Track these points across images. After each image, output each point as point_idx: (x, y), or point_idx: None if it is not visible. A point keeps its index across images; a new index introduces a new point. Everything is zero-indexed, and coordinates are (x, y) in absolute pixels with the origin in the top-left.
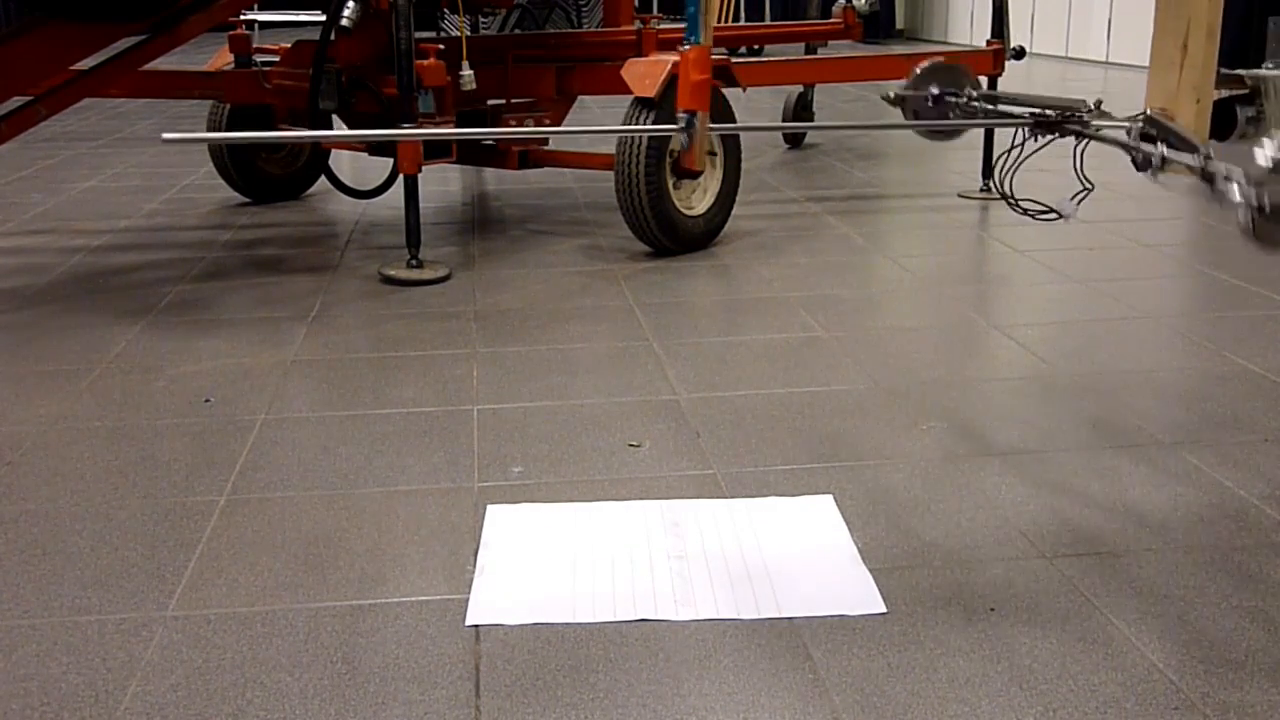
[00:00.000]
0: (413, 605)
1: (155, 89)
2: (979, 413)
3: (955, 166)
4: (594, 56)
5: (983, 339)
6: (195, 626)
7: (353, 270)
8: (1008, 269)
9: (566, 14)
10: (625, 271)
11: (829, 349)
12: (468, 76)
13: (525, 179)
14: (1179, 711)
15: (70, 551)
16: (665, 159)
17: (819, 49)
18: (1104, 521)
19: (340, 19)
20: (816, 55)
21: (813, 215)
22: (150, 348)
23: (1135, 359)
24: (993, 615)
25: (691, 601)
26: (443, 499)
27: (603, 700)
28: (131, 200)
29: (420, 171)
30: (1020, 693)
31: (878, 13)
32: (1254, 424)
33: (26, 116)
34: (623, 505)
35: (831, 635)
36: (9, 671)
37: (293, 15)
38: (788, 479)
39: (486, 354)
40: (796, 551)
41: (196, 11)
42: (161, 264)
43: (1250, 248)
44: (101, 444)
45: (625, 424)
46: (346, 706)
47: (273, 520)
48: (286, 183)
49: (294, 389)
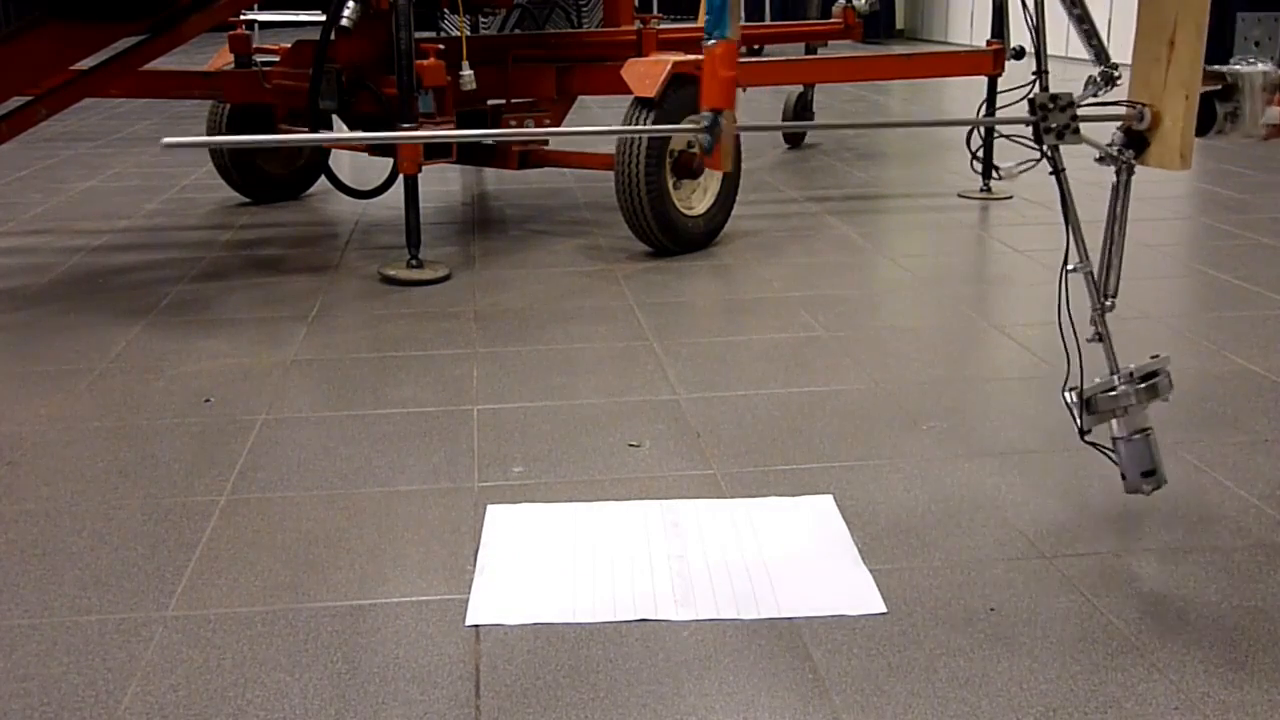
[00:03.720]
0: (413, 605)
1: (155, 89)
2: (979, 413)
3: (955, 166)
4: (594, 56)
5: (983, 339)
6: (195, 626)
7: (353, 270)
8: (1008, 269)
9: (566, 14)
10: (625, 271)
11: (829, 349)
12: (468, 76)
13: (525, 179)
14: (1179, 711)
15: (70, 551)
16: (665, 159)
17: (819, 49)
18: (1104, 521)
19: (340, 19)
20: (816, 55)
21: (813, 215)
22: (150, 348)
23: (1135, 359)
24: (993, 615)
25: (691, 601)
26: (443, 499)
27: (603, 700)
28: (131, 200)
29: (420, 171)
30: (1020, 693)
31: (878, 13)
32: (1254, 424)
33: (26, 116)
34: (623, 505)
35: (831, 635)
36: (9, 671)
37: (293, 15)
38: (788, 479)
39: (486, 354)
40: (796, 551)
41: (196, 11)
42: (161, 264)
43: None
44: (101, 444)
45: (625, 424)
46: (346, 706)
47: (273, 520)
48: (286, 183)
49: (294, 389)
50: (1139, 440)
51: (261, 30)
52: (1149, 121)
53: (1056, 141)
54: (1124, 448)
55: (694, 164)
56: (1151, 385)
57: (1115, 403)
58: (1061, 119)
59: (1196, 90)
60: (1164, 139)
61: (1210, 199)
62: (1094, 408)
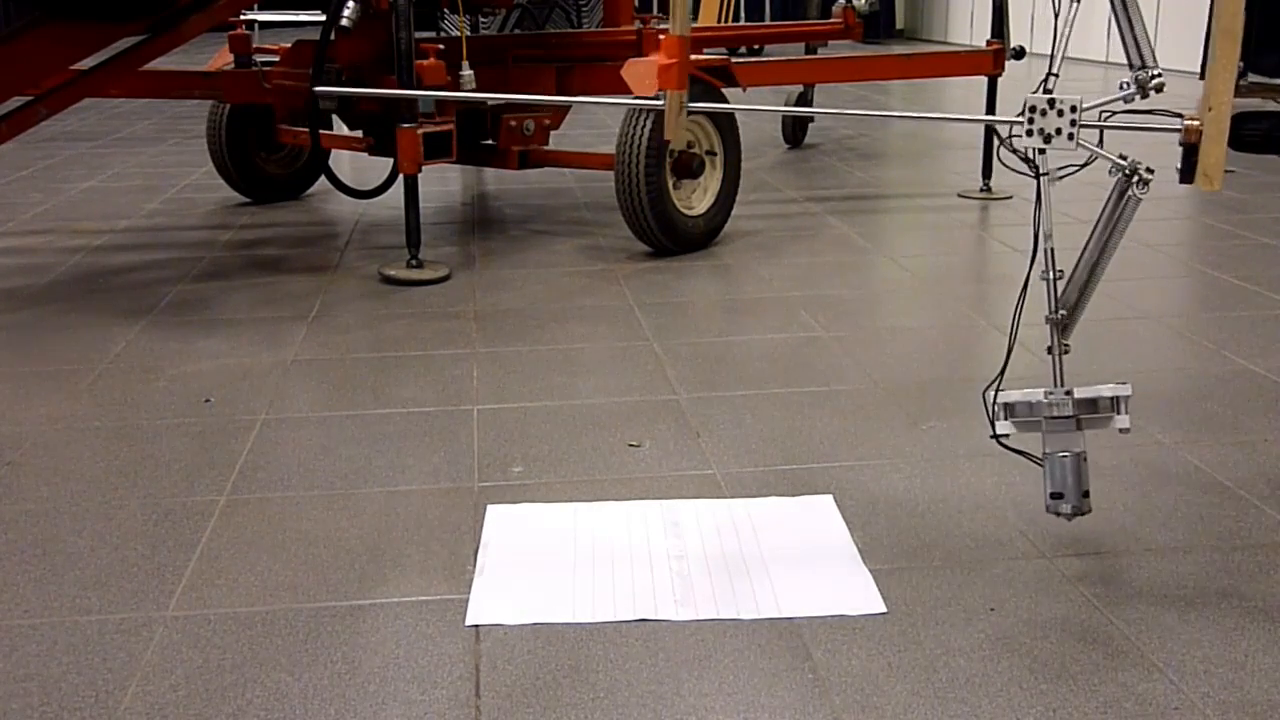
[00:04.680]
0: (413, 605)
1: (155, 89)
2: (979, 413)
3: (955, 166)
4: (594, 56)
5: (983, 339)
6: (195, 626)
7: (353, 270)
8: (1008, 269)
9: (566, 14)
10: (625, 271)
11: (829, 349)
12: (468, 76)
13: (525, 179)
14: (1179, 712)
15: (70, 551)
16: (665, 159)
17: (819, 49)
18: (1104, 521)
19: (340, 19)
20: (816, 55)
21: (813, 215)
22: (150, 348)
23: (1135, 359)
24: (993, 615)
25: (691, 601)
26: (443, 499)
27: (603, 700)
28: (131, 200)
29: (420, 171)
30: (1020, 693)
31: (878, 13)
32: (1254, 424)
33: (26, 116)
34: (623, 505)
35: (831, 635)
36: (9, 671)
37: (293, 15)
38: (788, 479)
39: (486, 354)
40: (796, 551)
41: (196, 11)
42: (161, 264)
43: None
44: (101, 444)
45: (625, 424)
46: (346, 706)
47: (273, 520)
48: (286, 183)
49: (294, 389)
50: (1057, 460)
51: (261, 30)
52: (1187, 135)
53: (1043, 145)
54: (1045, 465)
55: (694, 164)
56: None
57: (1032, 413)
58: (1055, 123)
59: (1228, 103)
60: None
61: (1210, 199)
62: (1013, 413)
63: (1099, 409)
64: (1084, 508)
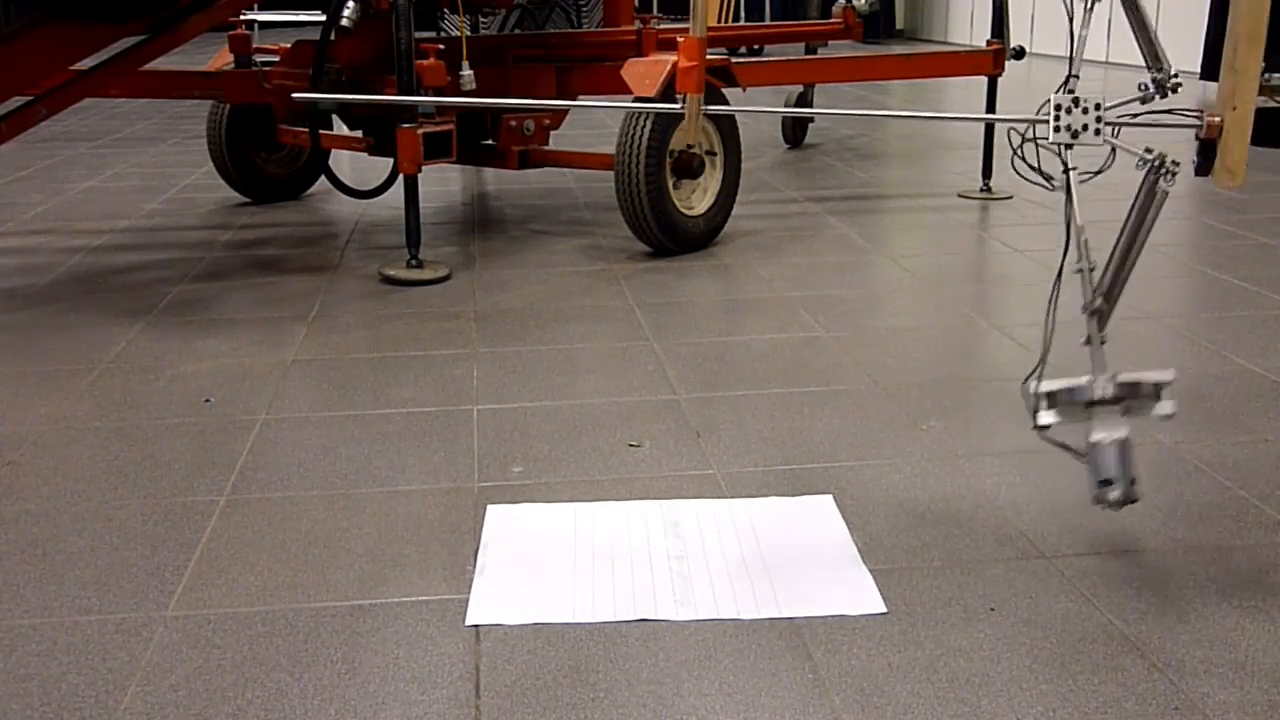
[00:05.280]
0: (413, 605)
1: (155, 89)
2: (979, 413)
3: (955, 166)
4: (594, 56)
5: (983, 339)
6: (195, 626)
7: (353, 270)
8: (1008, 269)
9: (566, 14)
10: (625, 271)
11: (829, 349)
12: (468, 77)
13: (525, 179)
14: (1179, 712)
15: (70, 551)
16: (665, 159)
17: (819, 49)
18: (1104, 521)
19: (340, 19)
20: (816, 55)
21: (813, 215)
22: (150, 348)
23: (1136, 359)
24: (993, 615)
25: (691, 601)
26: (443, 499)
27: (603, 700)
28: (131, 200)
29: (420, 171)
30: (1020, 693)
31: (878, 13)
32: (1254, 424)
33: (26, 116)
34: (623, 505)
35: (831, 635)
36: (9, 671)
37: (293, 15)
38: (788, 479)
39: (486, 354)
40: (796, 551)
41: (196, 11)
42: (161, 264)
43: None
44: (101, 444)
45: (625, 424)
46: (346, 706)
47: (273, 520)
48: (286, 183)
49: (294, 389)
50: (1104, 448)
51: (261, 30)
52: (1207, 131)
53: (1070, 141)
54: (1090, 454)
55: (694, 164)
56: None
57: (1075, 398)
58: (1081, 120)
59: (1251, 103)
60: (1220, 153)
61: (1210, 199)
62: (1055, 402)
63: (1142, 394)
64: (1134, 495)
